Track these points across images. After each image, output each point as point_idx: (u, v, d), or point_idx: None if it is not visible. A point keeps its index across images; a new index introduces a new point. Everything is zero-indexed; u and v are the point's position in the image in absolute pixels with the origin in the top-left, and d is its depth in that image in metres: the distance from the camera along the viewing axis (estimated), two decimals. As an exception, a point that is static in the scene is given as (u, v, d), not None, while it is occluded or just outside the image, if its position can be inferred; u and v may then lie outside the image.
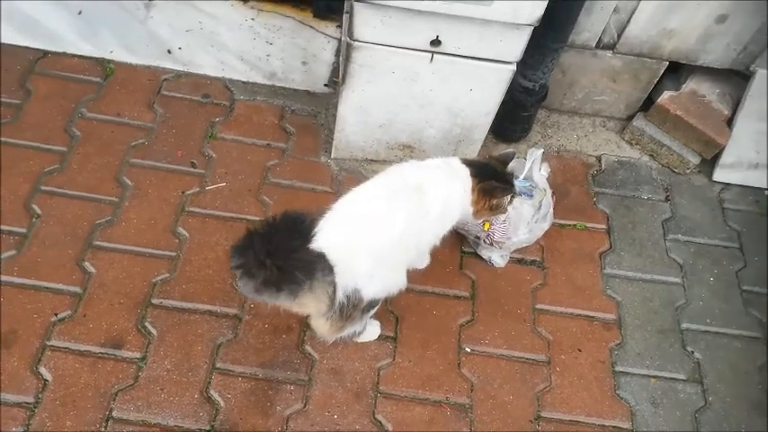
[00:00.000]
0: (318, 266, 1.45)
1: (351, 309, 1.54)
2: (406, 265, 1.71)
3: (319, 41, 2.53)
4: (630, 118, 2.47)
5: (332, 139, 2.24)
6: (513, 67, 1.92)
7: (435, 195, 1.65)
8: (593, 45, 2.25)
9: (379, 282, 1.58)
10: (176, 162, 2.18)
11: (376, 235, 1.56)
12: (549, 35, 2.01)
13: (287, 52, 2.49)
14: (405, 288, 1.72)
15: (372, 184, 1.66)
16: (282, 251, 1.42)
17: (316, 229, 1.50)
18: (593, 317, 2.03)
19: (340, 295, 1.50)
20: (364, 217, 1.58)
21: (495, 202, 1.74)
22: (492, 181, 1.72)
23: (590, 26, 2.18)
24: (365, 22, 1.82)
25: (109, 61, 2.38)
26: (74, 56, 2.37)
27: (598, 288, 2.09)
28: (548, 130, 2.46)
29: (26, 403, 1.68)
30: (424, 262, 1.95)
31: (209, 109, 2.33)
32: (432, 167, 1.72)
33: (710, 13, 2.11)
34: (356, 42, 1.86)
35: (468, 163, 1.75)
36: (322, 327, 1.62)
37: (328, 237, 1.49)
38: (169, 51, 2.42)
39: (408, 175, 1.67)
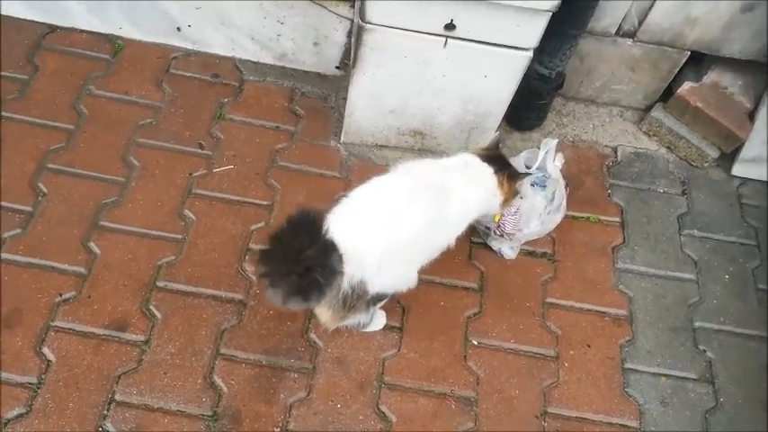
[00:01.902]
0: (337, 265, 1.42)
1: (354, 300, 1.51)
2: (418, 264, 1.69)
3: (331, 22, 2.47)
4: (649, 108, 2.40)
5: (342, 124, 2.19)
6: (530, 54, 1.86)
7: (457, 200, 1.65)
8: (613, 32, 2.18)
9: (386, 276, 1.55)
10: (184, 143, 2.14)
11: (391, 230, 1.53)
12: (568, 21, 1.95)
13: (298, 32, 2.43)
14: (414, 287, 1.69)
15: (394, 178, 1.64)
16: (308, 258, 1.37)
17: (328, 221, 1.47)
18: (603, 312, 1.99)
19: (345, 285, 1.47)
20: (382, 210, 1.55)
21: (517, 186, 1.79)
22: (510, 167, 1.77)
23: (611, 12, 2.11)
24: (378, 4, 1.76)
25: (117, 38, 2.34)
26: (82, 31, 2.33)
27: (610, 283, 2.04)
28: (563, 118, 2.40)
29: (29, 383, 1.67)
30: None
31: (218, 89, 2.29)
32: (453, 169, 1.70)
33: (736, 2, 2.03)
34: (368, 25, 1.81)
35: (485, 159, 1.75)
36: (324, 314, 1.62)
37: (340, 224, 1.46)
38: (178, 29, 2.38)
39: (431, 175, 1.66)
